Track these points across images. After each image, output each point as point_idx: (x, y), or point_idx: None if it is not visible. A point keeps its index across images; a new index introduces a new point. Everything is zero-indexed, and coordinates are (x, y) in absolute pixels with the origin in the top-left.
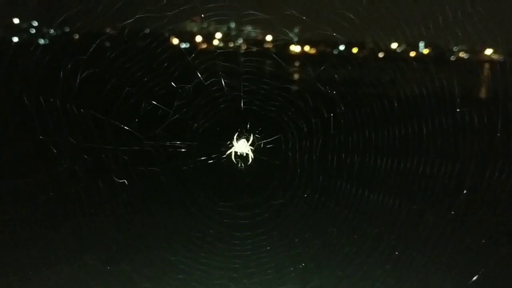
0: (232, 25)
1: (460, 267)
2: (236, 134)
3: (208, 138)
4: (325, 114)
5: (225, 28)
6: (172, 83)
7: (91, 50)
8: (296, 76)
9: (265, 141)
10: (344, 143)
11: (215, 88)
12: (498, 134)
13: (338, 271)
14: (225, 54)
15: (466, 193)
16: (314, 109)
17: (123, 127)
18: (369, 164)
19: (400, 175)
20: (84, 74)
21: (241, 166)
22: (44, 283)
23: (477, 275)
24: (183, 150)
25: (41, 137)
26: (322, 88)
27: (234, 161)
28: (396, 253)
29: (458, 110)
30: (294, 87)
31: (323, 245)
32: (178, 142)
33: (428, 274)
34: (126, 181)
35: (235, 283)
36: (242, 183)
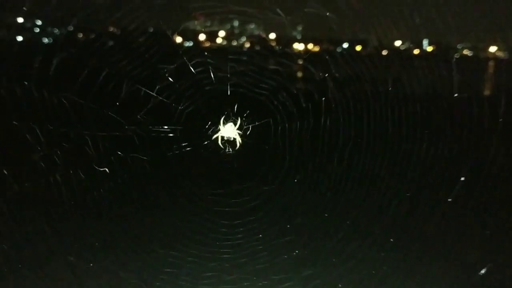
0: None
1: (462, 257)
2: (222, 118)
3: (193, 122)
4: (316, 98)
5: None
6: (156, 66)
7: (66, 31)
8: (286, 58)
9: (253, 125)
10: (336, 127)
11: (200, 69)
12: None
13: (332, 258)
14: (211, 32)
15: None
16: (305, 93)
17: (103, 112)
18: (361, 148)
19: (394, 159)
20: (60, 56)
21: (229, 151)
22: (22, 283)
23: (484, 269)
24: (167, 135)
25: (14, 122)
26: (314, 71)
27: (221, 146)
28: (391, 240)
29: (456, 95)
30: (284, 69)
31: (316, 231)
32: (162, 127)
33: (425, 261)
34: (107, 170)
35: (227, 274)
36: (230, 169)
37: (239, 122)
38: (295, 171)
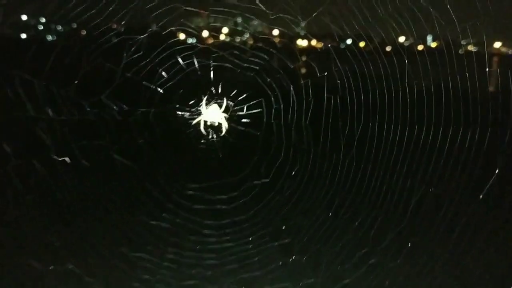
0: None
1: (492, 266)
2: (205, 99)
3: (169, 103)
4: (318, 73)
5: None
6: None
7: None
8: (280, 25)
9: (242, 106)
10: (341, 108)
11: (176, 39)
12: None
13: (336, 265)
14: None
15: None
16: (305, 66)
17: (60, 92)
18: (373, 134)
19: (412, 147)
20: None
21: (213, 138)
22: None
23: None
24: (137, 119)
25: None
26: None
27: (204, 132)
28: (409, 244)
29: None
30: (278, 39)
31: (316, 234)
32: (130, 109)
33: (449, 271)
34: (67, 159)
35: (211, 283)
36: (214, 160)
37: (225, 103)
38: (292, 162)
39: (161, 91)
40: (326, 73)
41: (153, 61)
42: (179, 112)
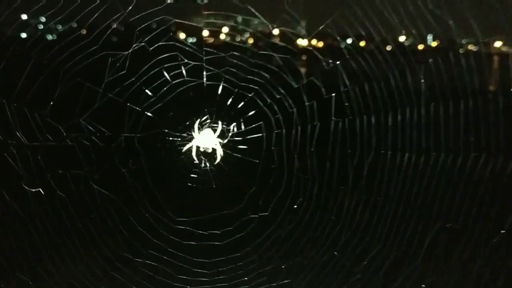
0: None
1: None
2: (197, 122)
3: (156, 128)
4: (324, 93)
5: None
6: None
7: None
8: (283, 40)
9: (239, 131)
10: (350, 134)
11: (165, 55)
12: None
13: None
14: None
15: None
16: (309, 87)
17: (33, 114)
18: (385, 163)
19: (428, 176)
20: None
21: (206, 166)
22: None
23: None
24: (120, 145)
25: None
26: (320, 57)
27: (196, 159)
28: (423, 286)
29: None
30: (280, 55)
31: (320, 274)
32: (113, 134)
33: None
34: (41, 190)
35: None
36: (207, 191)
37: (220, 127)
38: (294, 194)
39: (148, 113)
40: (333, 94)
41: (139, 80)
42: (168, 137)
